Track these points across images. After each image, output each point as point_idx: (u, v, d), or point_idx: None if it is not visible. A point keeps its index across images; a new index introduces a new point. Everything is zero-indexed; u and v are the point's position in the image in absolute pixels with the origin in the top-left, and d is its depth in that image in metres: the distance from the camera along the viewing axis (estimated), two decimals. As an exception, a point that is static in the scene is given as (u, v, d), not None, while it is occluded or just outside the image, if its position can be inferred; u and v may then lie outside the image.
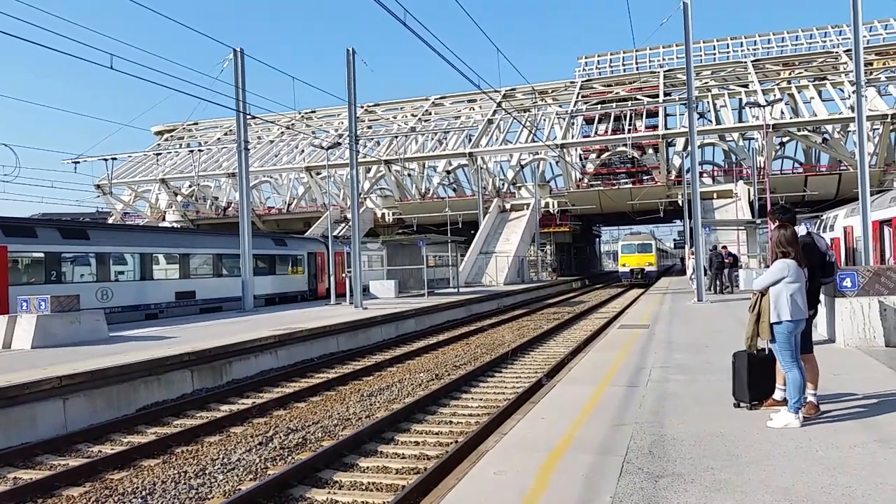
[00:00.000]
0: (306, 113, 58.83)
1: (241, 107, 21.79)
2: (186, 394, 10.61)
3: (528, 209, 45.43)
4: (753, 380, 5.79)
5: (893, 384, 6.74)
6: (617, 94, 52.72)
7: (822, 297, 6.08)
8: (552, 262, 54.78)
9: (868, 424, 5.35)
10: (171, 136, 63.86)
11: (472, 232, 43.69)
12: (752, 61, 53.00)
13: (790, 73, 50.37)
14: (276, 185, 58.06)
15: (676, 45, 59.59)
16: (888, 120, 38.51)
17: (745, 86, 48.12)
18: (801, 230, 5.91)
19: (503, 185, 51.18)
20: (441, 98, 58.42)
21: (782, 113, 43.01)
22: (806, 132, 44.50)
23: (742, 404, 5.95)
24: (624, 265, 42.52)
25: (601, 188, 47.50)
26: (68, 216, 54.11)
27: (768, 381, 5.80)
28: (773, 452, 4.75)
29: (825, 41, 57.28)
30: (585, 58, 65.86)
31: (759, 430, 5.34)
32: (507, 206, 47.23)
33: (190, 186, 55.53)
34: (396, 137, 52.52)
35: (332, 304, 23.51)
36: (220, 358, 11.81)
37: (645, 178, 48.36)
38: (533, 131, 45.87)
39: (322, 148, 30.76)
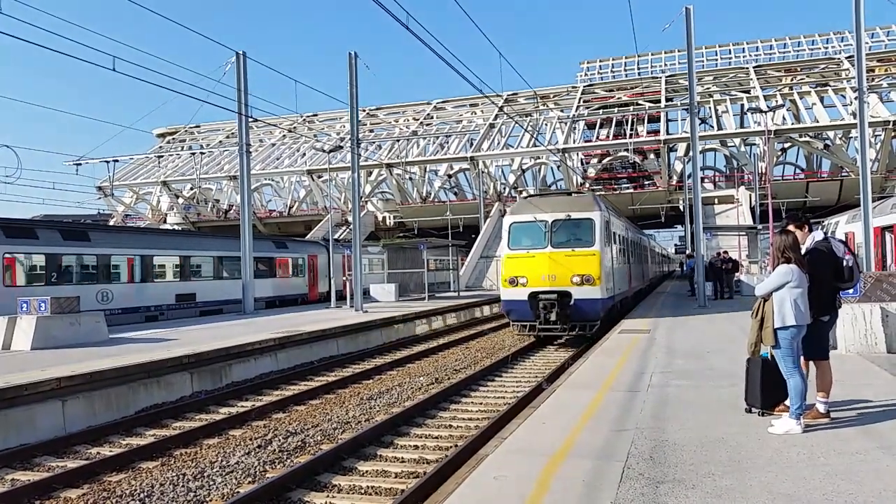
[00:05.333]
0: (308, 116, 58.93)
1: (242, 109, 21.80)
2: (185, 396, 10.57)
3: (529, 213, 45.30)
4: (766, 386, 5.75)
5: (896, 391, 6.71)
6: (619, 99, 52.83)
7: (840, 302, 5.98)
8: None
9: (871, 431, 5.32)
10: (173, 138, 63.97)
11: (473, 236, 43.68)
12: (754, 67, 53.12)
13: (792, 79, 50.46)
14: (277, 188, 58.17)
15: (678, 51, 59.84)
16: (890, 126, 38.57)
17: (747, 91, 48.20)
18: (818, 235, 5.88)
19: (504, 189, 51.23)
20: (443, 102, 58.51)
21: (784, 119, 43.07)
22: (808, 138, 44.54)
23: (754, 410, 5.92)
24: (513, 281, 15.12)
25: (602, 193, 47.47)
26: (70, 218, 54.17)
27: (781, 387, 5.75)
28: (775, 459, 4.72)
29: (827, 47, 57.42)
30: (587, 63, 66.05)
31: (760, 436, 5.31)
32: (509, 210, 47.20)
33: (191, 189, 55.64)
34: (398, 141, 52.59)
35: (332, 308, 23.50)
36: (219, 360, 11.78)
37: (646, 182, 48.41)
38: (534, 136, 45.94)
39: (324, 151, 30.87)
